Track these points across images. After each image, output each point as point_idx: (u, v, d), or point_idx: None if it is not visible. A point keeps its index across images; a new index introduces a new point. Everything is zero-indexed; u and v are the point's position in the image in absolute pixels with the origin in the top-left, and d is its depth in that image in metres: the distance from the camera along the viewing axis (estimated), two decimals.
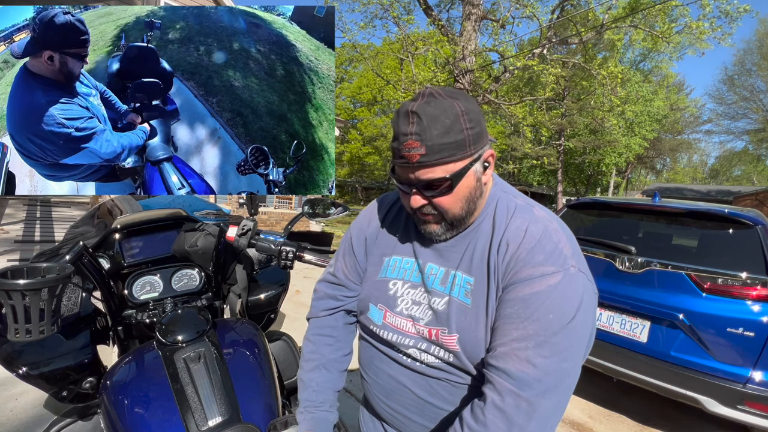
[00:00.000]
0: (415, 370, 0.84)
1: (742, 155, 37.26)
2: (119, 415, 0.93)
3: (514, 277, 0.72)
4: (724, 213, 2.64)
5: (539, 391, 0.66)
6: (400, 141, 0.72)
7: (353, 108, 32.62)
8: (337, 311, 1.00)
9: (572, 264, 0.71)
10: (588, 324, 0.72)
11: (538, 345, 0.67)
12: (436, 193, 0.74)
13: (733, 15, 9.39)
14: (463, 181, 0.74)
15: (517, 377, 0.66)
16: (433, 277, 0.83)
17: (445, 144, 0.70)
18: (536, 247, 0.72)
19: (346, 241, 1.01)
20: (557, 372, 0.67)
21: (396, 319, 0.86)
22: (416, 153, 0.70)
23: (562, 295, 0.69)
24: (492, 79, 11.22)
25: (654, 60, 27.01)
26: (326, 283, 1.01)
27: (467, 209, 0.77)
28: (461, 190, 0.74)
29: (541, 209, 0.80)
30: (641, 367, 2.59)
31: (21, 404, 2.37)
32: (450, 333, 0.78)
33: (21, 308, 0.87)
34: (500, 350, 0.70)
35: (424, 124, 0.69)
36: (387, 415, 0.92)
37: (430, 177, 0.72)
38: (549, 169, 28.79)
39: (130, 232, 1.44)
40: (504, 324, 0.71)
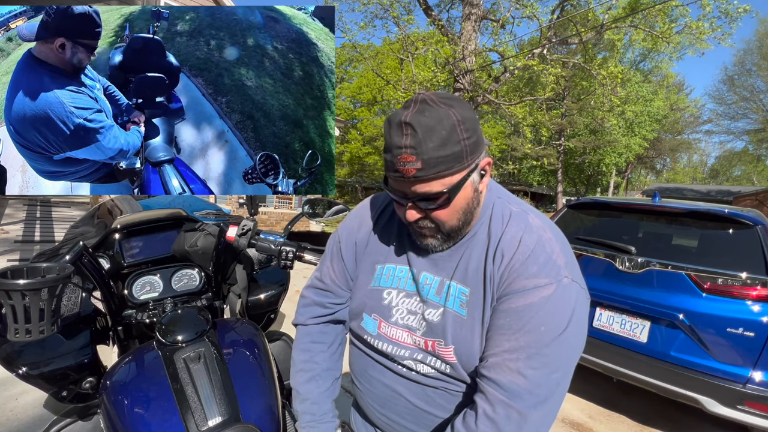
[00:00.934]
0: (411, 379, 0.83)
1: (742, 155, 37.26)
2: (119, 415, 0.93)
3: (508, 288, 0.72)
4: (724, 213, 2.64)
5: (530, 402, 0.67)
6: (393, 154, 0.67)
7: (353, 108, 32.60)
8: (324, 320, 0.97)
9: (565, 275, 0.71)
10: (580, 335, 0.72)
11: (529, 357, 0.67)
12: (433, 207, 0.72)
13: (733, 15, 9.39)
14: (461, 193, 0.71)
15: (508, 388, 0.67)
16: (428, 287, 0.81)
17: (441, 157, 0.66)
18: (530, 258, 0.71)
19: (335, 245, 0.97)
20: (547, 383, 0.68)
21: (391, 330, 0.84)
22: (412, 167, 0.66)
23: (554, 307, 0.69)
24: (492, 79, 11.21)
25: (654, 60, 27.00)
26: (313, 289, 0.98)
27: (464, 220, 0.75)
28: (459, 202, 0.72)
29: (536, 216, 0.78)
30: (641, 367, 2.59)
31: (21, 404, 2.37)
32: (446, 345, 0.77)
33: (21, 308, 0.87)
34: (491, 360, 0.70)
35: (419, 136, 0.64)
36: (381, 423, 0.91)
37: (426, 191, 0.69)
38: (549, 169, 28.79)
39: (130, 232, 1.44)
40: (496, 335, 0.71)
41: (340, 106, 31.58)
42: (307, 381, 0.95)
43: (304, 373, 0.95)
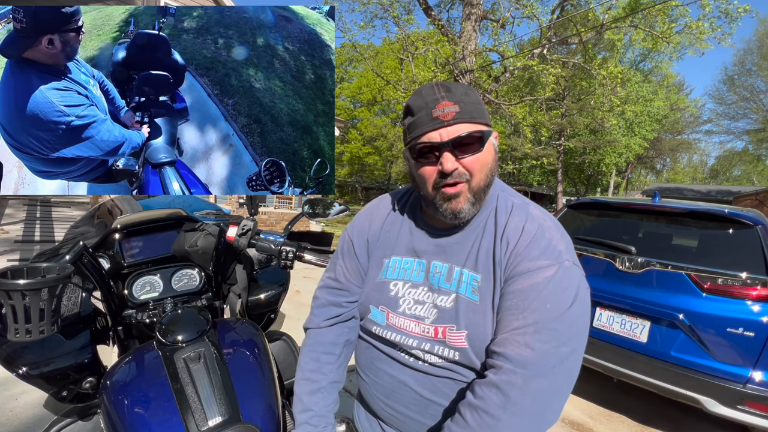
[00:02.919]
0: (417, 369, 0.85)
1: (742, 155, 37.25)
2: (119, 415, 0.93)
3: (513, 271, 0.76)
4: (724, 213, 2.64)
5: (534, 371, 0.69)
6: (429, 106, 0.77)
7: (353, 108, 32.61)
8: (338, 321, 0.96)
9: (566, 258, 0.75)
10: (584, 315, 0.74)
11: (536, 331, 0.70)
12: (467, 153, 0.77)
13: (733, 15, 9.39)
14: (487, 147, 0.79)
15: (515, 359, 0.70)
16: (438, 275, 0.84)
17: (474, 105, 0.78)
18: (532, 243, 0.76)
19: (345, 243, 0.99)
20: (555, 355, 0.70)
21: (399, 320, 0.87)
22: (451, 111, 0.76)
23: (558, 286, 0.72)
24: (492, 79, 11.22)
25: (654, 60, 26.99)
26: (327, 289, 0.98)
27: (486, 182, 0.80)
28: (485, 157, 0.79)
29: (535, 208, 0.84)
30: (641, 367, 2.59)
31: (21, 404, 2.37)
32: (458, 330, 0.79)
33: (21, 308, 0.87)
34: (500, 337, 0.73)
35: (453, 90, 0.78)
36: (386, 414, 0.92)
37: (466, 131, 0.76)
38: (549, 169, 28.78)
39: (130, 232, 1.44)
40: (505, 316, 0.75)
41: (340, 106, 31.59)
42: (312, 393, 0.94)
43: (310, 384, 0.95)
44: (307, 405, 0.94)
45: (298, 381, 0.97)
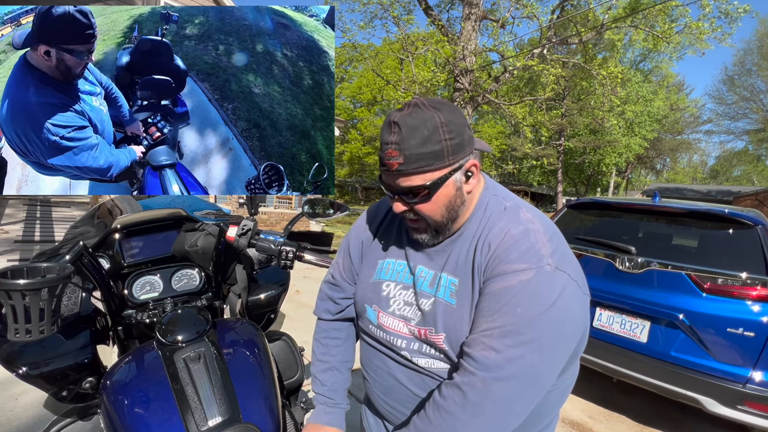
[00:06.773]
0: (409, 368, 0.87)
1: (742, 155, 37.27)
2: (119, 415, 0.93)
3: (490, 274, 0.75)
4: (724, 213, 2.64)
5: (497, 375, 0.69)
6: (383, 149, 0.75)
7: (353, 108, 32.62)
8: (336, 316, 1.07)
9: (548, 263, 0.72)
10: (564, 321, 0.72)
11: (503, 335, 0.70)
12: (415, 200, 0.77)
13: (733, 15, 9.40)
14: (442, 190, 0.76)
15: (480, 360, 0.70)
16: (422, 280, 0.86)
17: (422, 154, 0.72)
18: (512, 246, 0.75)
19: (345, 242, 1.06)
20: (520, 361, 0.69)
21: (388, 320, 0.89)
22: (395, 162, 0.73)
23: (533, 291, 0.70)
24: (492, 79, 11.21)
25: (654, 60, 27.03)
26: (326, 284, 1.09)
27: (448, 217, 0.80)
28: (440, 198, 0.77)
29: (528, 211, 0.82)
30: (641, 367, 2.59)
31: (21, 404, 2.37)
32: (437, 333, 0.80)
33: (21, 308, 0.87)
34: (469, 338, 0.74)
35: (403, 134, 0.72)
36: (386, 412, 0.95)
37: (408, 185, 0.75)
38: (549, 170, 28.79)
39: (130, 232, 1.44)
40: (477, 317, 0.75)
41: (340, 106, 31.59)
42: (325, 371, 1.07)
43: (322, 364, 1.07)
44: (322, 381, 1.06)
45: (313, 363, 1.10)
